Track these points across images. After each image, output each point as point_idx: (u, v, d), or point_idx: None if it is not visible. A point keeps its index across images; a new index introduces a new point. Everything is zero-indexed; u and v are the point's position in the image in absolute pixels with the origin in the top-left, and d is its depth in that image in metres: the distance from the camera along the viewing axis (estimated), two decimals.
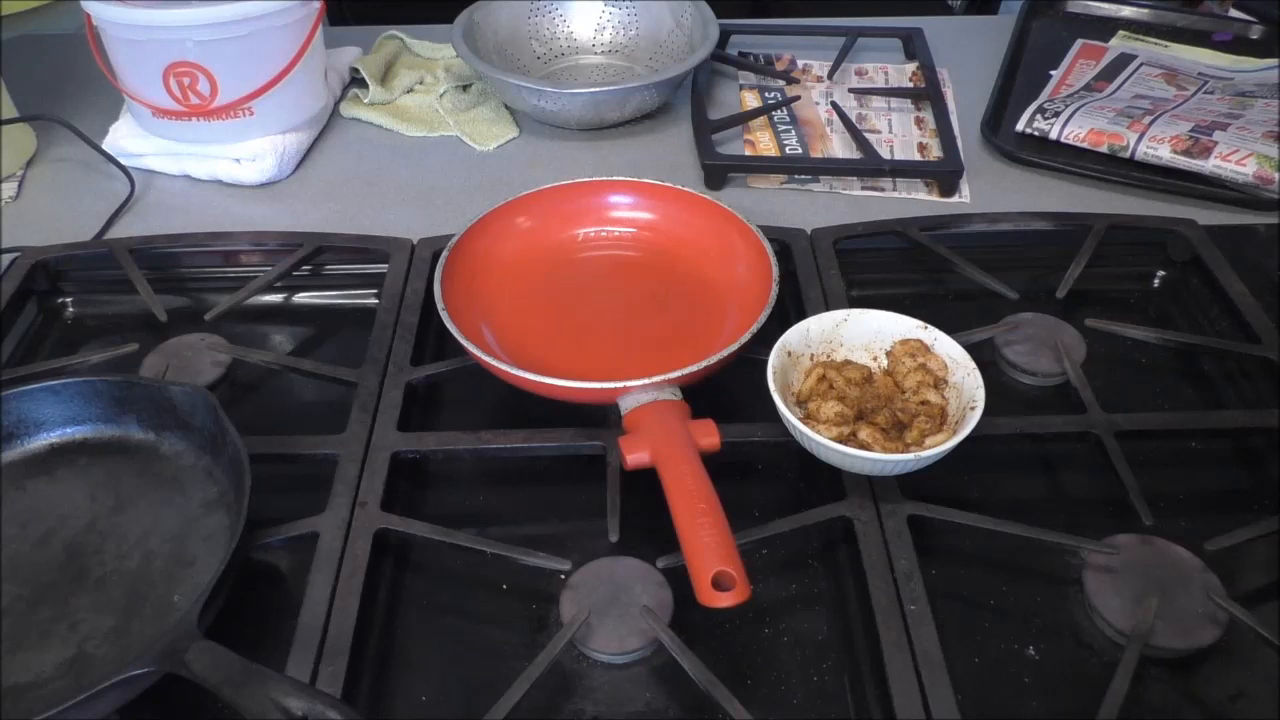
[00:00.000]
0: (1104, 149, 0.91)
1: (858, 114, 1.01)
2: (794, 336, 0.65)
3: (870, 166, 0.91)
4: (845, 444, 0.58)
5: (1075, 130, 0.92)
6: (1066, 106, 0.95)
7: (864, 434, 0.59)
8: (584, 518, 0.62)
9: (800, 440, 0.60)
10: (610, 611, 0.55)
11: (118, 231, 0.87)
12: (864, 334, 0.66)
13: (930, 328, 0.64)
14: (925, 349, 0.64)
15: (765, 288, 0.68)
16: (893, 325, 0.65)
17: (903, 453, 0.58)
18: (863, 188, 0.91)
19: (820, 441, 0.57)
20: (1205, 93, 0.98)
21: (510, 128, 1.00)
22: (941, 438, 0.58)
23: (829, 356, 0.66)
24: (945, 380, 0.63)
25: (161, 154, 0.93)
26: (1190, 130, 0.89)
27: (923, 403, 0.62)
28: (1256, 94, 0.96)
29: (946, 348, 0.63)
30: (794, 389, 0.64)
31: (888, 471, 0.59)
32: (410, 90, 1.04)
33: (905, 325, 0.65)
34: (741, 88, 1.06)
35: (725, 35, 1.10)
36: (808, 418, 0.62)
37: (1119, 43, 1.10)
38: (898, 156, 0.95)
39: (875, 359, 0.66)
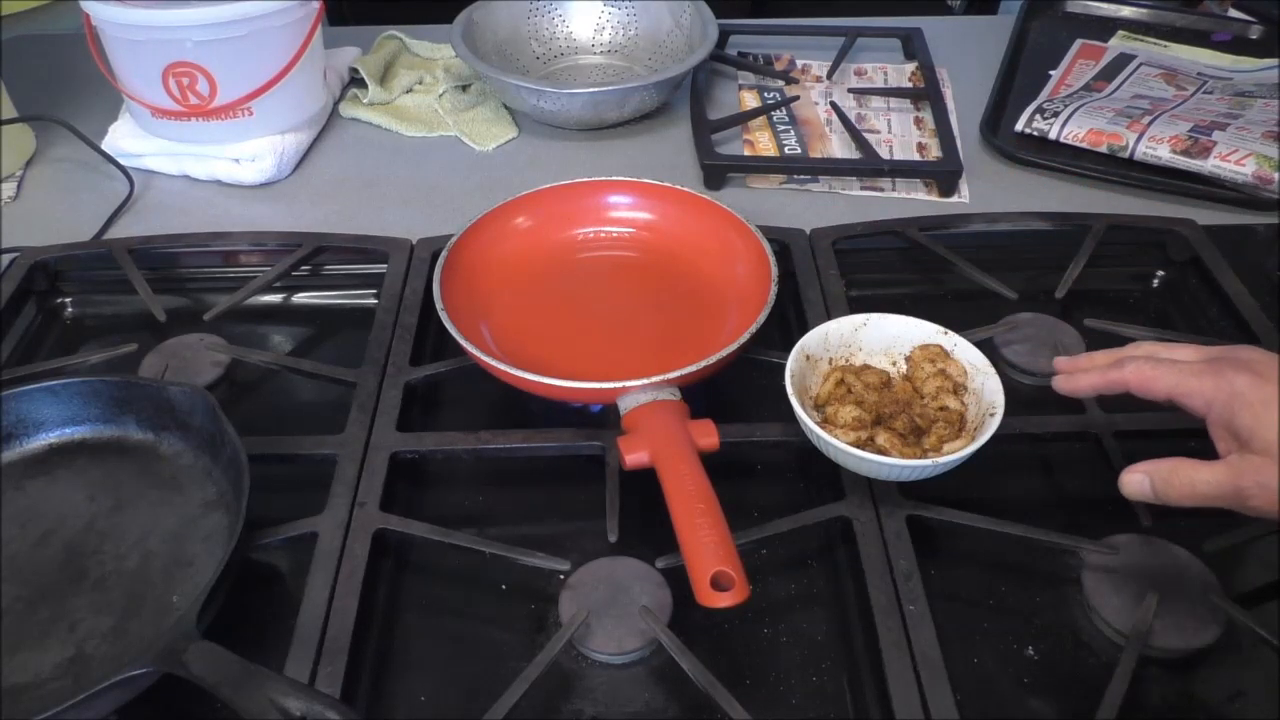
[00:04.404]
0: (1103, 149, 0.91)
1: (857, 114, 1.01)
2: (812, 340, 0.64)
3: (869, 166, 0.91)
4: (863, 449, 0.57)
5: (1074, 130, 0.92)
6: (1066, 106, 0.95)
7: (882, 439, 0.59)
8: (583, 518, 0.62)
9: (817, 444, 0.59)
10: (609, 612, 0.55)
11: (117, 232, 0.87)
12: (883, 339, 0.66)
13: (950, 333, 0.64)
14: (945, 355, 0.63)
15: (764, 288, 0.68)
16: (913, 330, 0.65)
17: (920, 458, 0.58)
18: (862, 188, 0.91)
19: (838, 446, 0.57)
20: (1204, 93, 0.98)
21: (509, 128, 1.00)
22: (960, 444, 0.58)
23: (848, 361, 0.66)
24: (965, 386, 0.63)
25: (161, 154, 0.93)
26: (1189, 130, 0.89)
27: (941, 408, 0.62)
28: (1256, 94, 0.96)
29: (966, 353, 0.63)
30: (812, 393, 0.64)
31: (905, 477, 0.59)
32: (409, 90, 1.04)
33: (925, 330, 0.65)
34: (740, 88, 1.06)
35: (724, 35, 1.10)
36: (825, 422, 0.62)
37: (1118, 43, 1.10)
38: (897, 156, 0.95)
39: (894, 364, 0.66)
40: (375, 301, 0.75)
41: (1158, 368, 0.53)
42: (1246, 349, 0.53)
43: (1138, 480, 0.53)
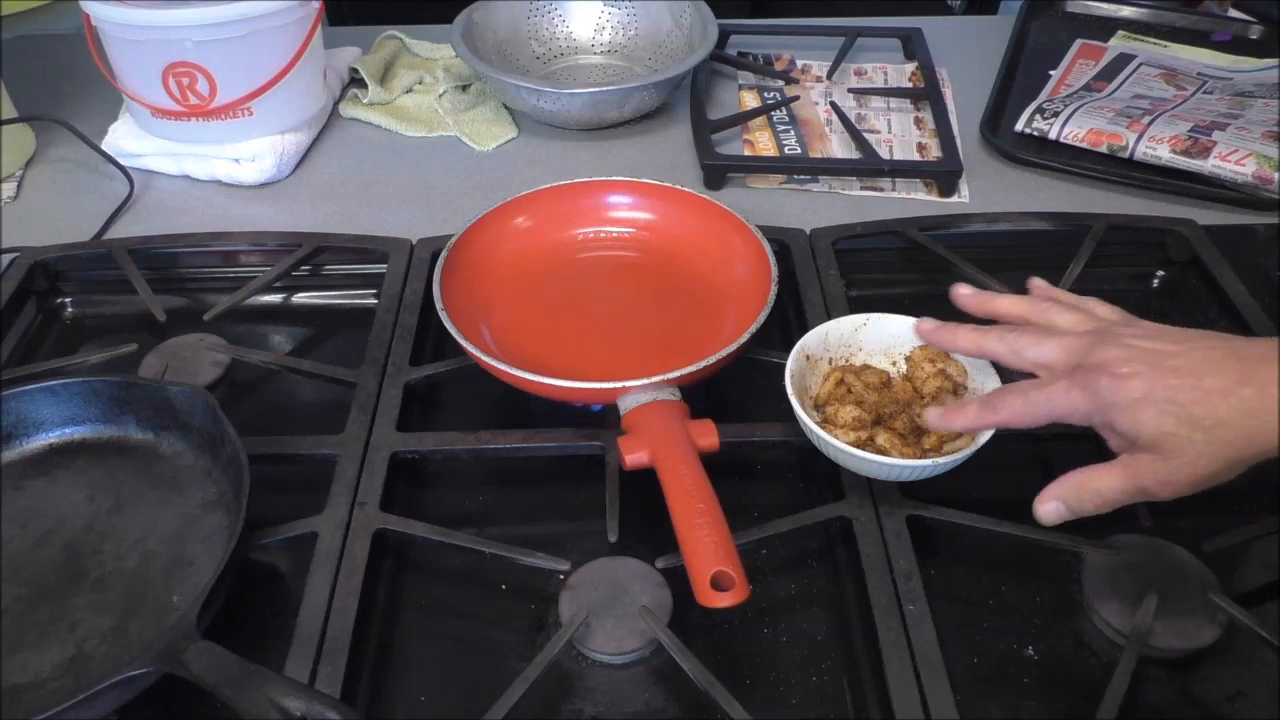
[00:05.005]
0: (1103, 149, 0.91)
1: (857, 114, 1.01)
2: (812, 340, 0.64)
3: (869, 166, 0.91)
4: (863, 449, 0.57)
5: (1074, 130, 0.92)
6: (1066, 106, 0.95)
7: (881, 439, 0.59)
8: (583, 518, 0.62)
9: (817, 444, 0.59)
10: (609, 612, 0.55)
11: (117, 232, 0.87)
12: (883, 338, 0.66)
13: None
14: (945, 354, 0.63)
15: (764, 288, 0.68)
16: (913, 330, 0.65)
17: (920, 458, 0.58)
18: (862, 188, 0.91)
19: (838, 446, 0.57)
20: (1204, 93, 0.98)
21: (509, 128, 1.00)
22: (960, 444, 0.58)
23: (847, 361, 0.66)
24: (965, 386, 0.63)
25: (161, 154, 0.93)
26: (1189, 130, 0.89)
27: None
28: (1256, 94, 0.96)
29: None
30: (811, 393, 0.64)
31: (904, 477, 0.59)
32: (409, 90, 1.04)
33: None
34: (740, 88, 1.06)
35: (724, 35, 1.10)
36: (825, 422, 0.61)
37: (1118, 43, 1.10)
38: (897, 156, 0.95)
39: (894, 364, 0.66)
40: (375, 301, 0.75)
41: (1028, 405, 0.53)
42: (1105, 346, 0.52)
43: (1052, 508, 0.53)
